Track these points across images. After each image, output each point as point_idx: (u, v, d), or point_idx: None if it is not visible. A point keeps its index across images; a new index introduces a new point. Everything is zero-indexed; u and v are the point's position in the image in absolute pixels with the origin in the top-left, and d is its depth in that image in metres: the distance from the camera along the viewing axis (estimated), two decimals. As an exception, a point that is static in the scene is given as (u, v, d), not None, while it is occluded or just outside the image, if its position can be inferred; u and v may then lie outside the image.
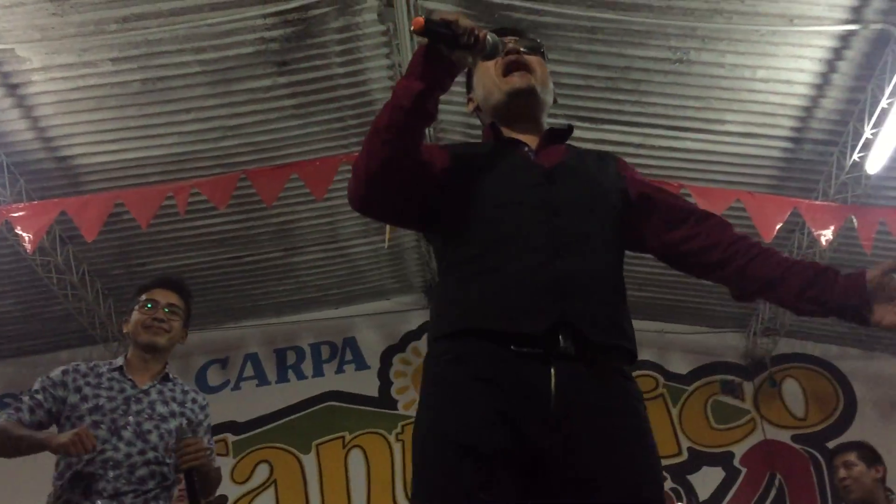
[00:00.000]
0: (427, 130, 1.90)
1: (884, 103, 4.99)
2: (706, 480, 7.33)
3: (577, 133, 6.15)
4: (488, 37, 1.76)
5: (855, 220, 5.61)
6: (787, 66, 5.18)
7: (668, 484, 7.16)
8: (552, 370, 1.62)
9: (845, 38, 4.95)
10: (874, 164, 5.38)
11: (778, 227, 5.51)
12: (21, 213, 5.45)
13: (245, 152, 6.04)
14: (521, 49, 1.98)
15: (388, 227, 5.69)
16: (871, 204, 5.78)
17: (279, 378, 7.89)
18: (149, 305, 2.95)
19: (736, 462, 7.45)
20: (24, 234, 5.40)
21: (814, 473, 7.34)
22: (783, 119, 5.56)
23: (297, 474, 7.47)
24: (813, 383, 7.71)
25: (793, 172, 5.96)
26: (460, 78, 1.88)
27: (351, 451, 7.58)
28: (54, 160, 5.85)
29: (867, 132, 5.22)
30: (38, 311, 7.37)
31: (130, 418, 2.81)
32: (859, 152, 5.39)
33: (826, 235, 5.60)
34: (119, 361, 2.96)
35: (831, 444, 7.44)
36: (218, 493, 6.94)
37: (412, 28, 1.68)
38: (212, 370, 7.84)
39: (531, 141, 1.95)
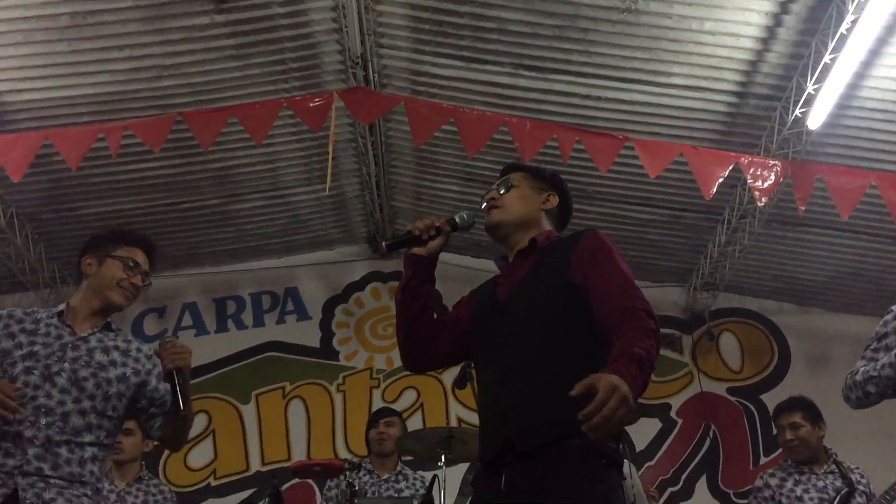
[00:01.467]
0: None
1: (827, 59, 5.00)
2: (643, 431, 7.45)
3: (521, 82, 6.06)
4: (457, 218, 2.46)
5: (791, 177, 5.67)
6: (733, 19, 5.15)
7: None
8: (503, 476, 2.15)
9: (792, -8, 4.94)
10: (815, 120, 5.42)
11: (719, 181, 5.53)
12: (-58, 152, 5.19)
13: (182, 94, 5.83)
14: (497, 194, 2.50)
15: (329, 171, 5.56)
16: (811, 160, 5.84)
17: (218, 328, 7.77)
18: (130, 264, 2.81)
19: (672, 413, 7.59)
20: (-54, 173, 5.15)
21: (746, 424, 7.51)
22: (728, 73, 5.55)
23: (235, 424, 7.40)
24: (749, 337, 7.86)
25: (736, 127, 5.98)
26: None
27: (291, 402, 7.52)
28: (-22, 97, 5.58)
29: (809, 87, 5.25)
30: (-36, 255, 7.09)
31: (66, 364, 2.64)
32: (801, 108, 5.42)
33: (764, 192, 5.63)
34: (60, 307, 2.79)
35: (764, 397, 7.66)
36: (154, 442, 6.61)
37: (383, 250, 2.49)
38: (148, 319, 7.68)
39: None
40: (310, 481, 6.81)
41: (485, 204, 2.52)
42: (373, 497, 4.40)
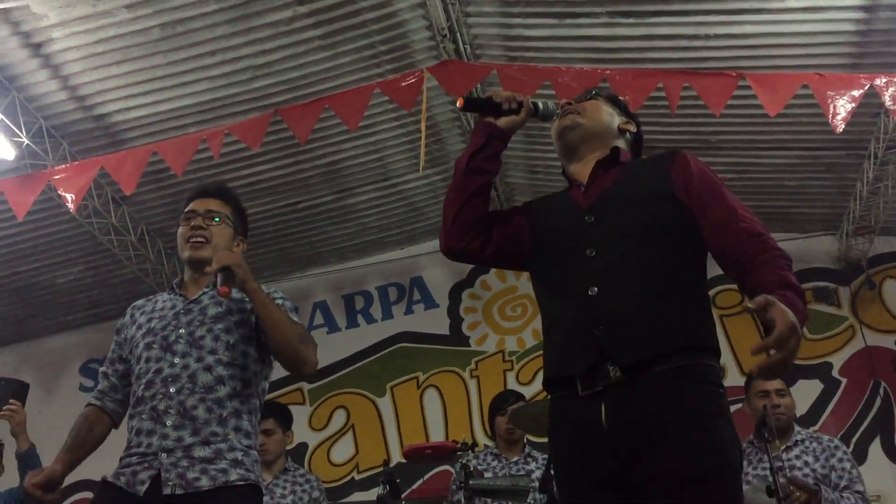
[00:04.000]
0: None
1: (965, -52, 4.37)
2: (803, 394, 6.79)
3: (619, 31, 5.66)
4: (540, 103, 2.21)
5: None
6: (848, -77, 4.60)
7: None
8: (602, 405, 1.87)
9: None
10: (961, 23, 4.76)
11: (850, 109, 4.94)
12: (62, 175, 5.45)
13: (278, 91, 5.86)
14: (574, 101, 2.31)
15: (422, 150, 5.42)
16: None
17: (349, 323, 7.82)
18: (184, 218, 2.74)
19: (835, 373, 6.94)
20: (66, 195, 5.40)
21: (924, 379, 6.77)
22: (851, -14, 4.97)
23: (373, 417, 7.42)
24: (916, 282, 7.08)
25: (869, 46, 5.34)
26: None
27: (426, 391, 7.46)
28: (92, 119, 5.82)
29: (950, -14, 4.61)
30: (107, 275, 7.49)
31: (182, 330, 2.59)
32: (943, 11, 4.77)
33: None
34: (175, 280, 2.80)
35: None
36: (297, 440, 6.50)
37: (458, 106, 2.17)
38: (282, 321, 7.81)
39: (587, 173, 2.21)
40: (450, 468, 6.70)
41: (558, 110, 2.27)
42: (489, 478, 4.21)
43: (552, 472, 2.10)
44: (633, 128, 2.36)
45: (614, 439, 1.85)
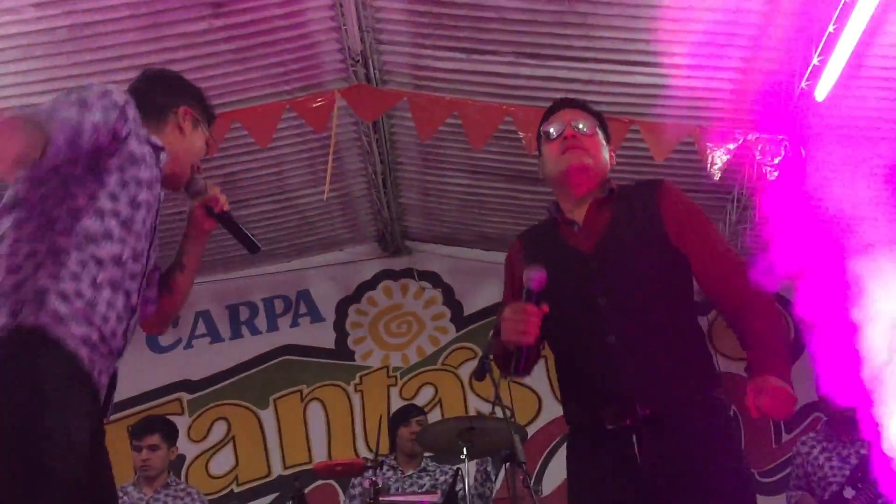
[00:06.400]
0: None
1: (831, 28, 4.95)
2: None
3: (522, 71, 5.98)
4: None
5: (803, 151, 5.62)
6: (734, -5, 5.09)
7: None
8: (634, 439, 2.06)
9: (792, -37, 4.88)
10: (822, 92, 5.36)
11: (726, 160, 5.48)
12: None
13: (184, 101, 5.81)
14: (579, 133, 2.35)
15: (328, 173, 5.54)
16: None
17: (233, 334, 7.76)
18: (210, 143, 2.64)
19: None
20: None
21: (768, 404, 7.46)
22: (731, 50, 5.50)
23: (255, 430, 7.39)
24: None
25: (744, 104, 5.91)
26: None
27: (309, 404, 7.52)
28: (-19, 115, 5.56)
29: (815, 59, 5.19)
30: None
31: None
32: (807, 80, 5.37)
33: (771, 169, 5.62)
34: None
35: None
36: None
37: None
38: (162, 329, 7.66)
39: (582, 213, 2.29)
40: (332, 482, 6.80)
41: (548, 133, 2.40)
42: (396, 494, 4.38)
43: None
44: (614, 159, 2.47)
45: (648, 473, 2.04)
